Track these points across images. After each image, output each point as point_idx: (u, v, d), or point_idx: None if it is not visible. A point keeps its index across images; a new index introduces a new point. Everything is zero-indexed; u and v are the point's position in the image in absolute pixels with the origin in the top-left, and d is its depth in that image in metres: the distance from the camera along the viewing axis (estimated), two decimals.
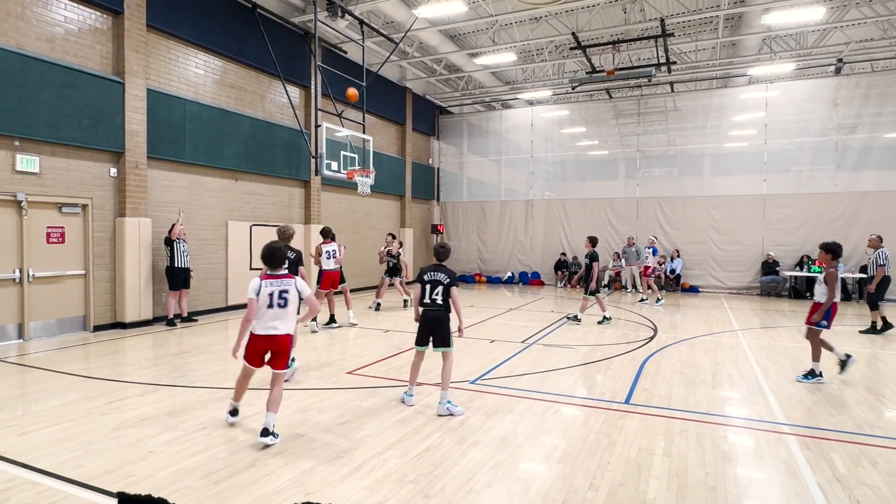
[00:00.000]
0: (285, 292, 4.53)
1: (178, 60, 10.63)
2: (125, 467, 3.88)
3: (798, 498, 3.50)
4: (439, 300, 5.26)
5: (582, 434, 4.63)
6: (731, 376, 6.66)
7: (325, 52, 14.11)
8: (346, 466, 3.92)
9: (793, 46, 15.44)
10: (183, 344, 8.41)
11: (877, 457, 4.16)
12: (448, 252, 5.62)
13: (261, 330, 4.44)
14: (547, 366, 7.13)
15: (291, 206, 13.70)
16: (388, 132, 18.03)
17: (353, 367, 6.93)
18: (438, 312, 5.28)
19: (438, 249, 5.56)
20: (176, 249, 9.84)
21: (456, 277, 5.41)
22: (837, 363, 6.50)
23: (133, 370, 6.81)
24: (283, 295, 4.51)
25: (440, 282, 5.25)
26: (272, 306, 4.46)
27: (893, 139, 15.37)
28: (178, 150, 10.49)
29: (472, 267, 20.49)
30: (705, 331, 9.92)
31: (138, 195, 9.69)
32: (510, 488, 3.61)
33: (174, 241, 9.81)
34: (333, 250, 9.68)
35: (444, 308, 5.29)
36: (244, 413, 5.05)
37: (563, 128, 19.88)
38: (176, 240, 9.83)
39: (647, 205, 17.78)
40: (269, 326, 4.44)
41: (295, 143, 13.40)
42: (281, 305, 4.49)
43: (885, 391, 6.05)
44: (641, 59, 16.87)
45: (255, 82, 12.43)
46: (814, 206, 15.68)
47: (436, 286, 5.26)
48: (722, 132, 17.67)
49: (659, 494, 3.53)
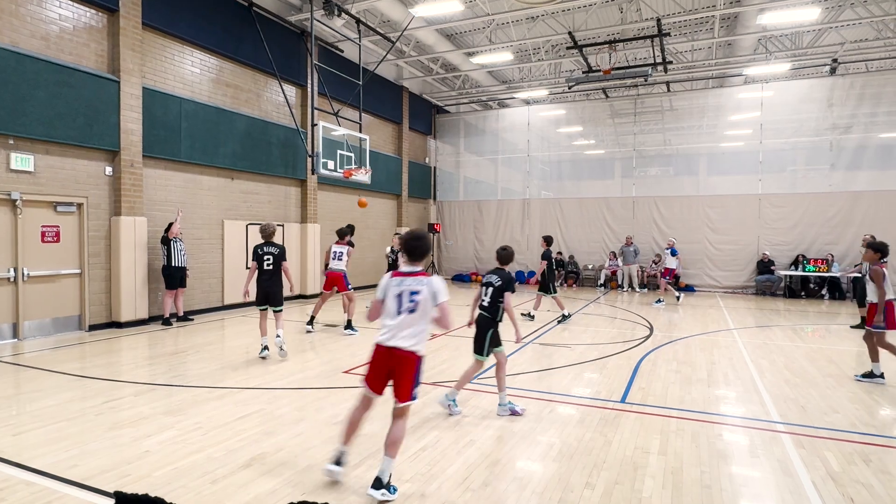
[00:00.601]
0: (416, 294, 3.60)
1: (174, 59, 10.59)
2: (121, 467, 3.87)
3: (792, 496, 3.52)
4: (486, 302, 5.14)
5: (578, 433, 4.64)
6: (727, 375, 6.70)
7: (322, 51, 14.09)
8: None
9: (788, 46, 15.51)
10: (179, 343, 8.39)
11: (870, 455, 4.19)
12: (510, 255, 5.47)
13: (382, 339, 3.63)
14: (543, 365, 7.15)
15: (288, 205, 13.68)
16: (385, 131, 18.01)
17: (349, 367, 6.93)
18: (481, 316, 5.17)
19: (500, 252, 5.46)
20: (173, 248, 9.83)
21: (511, 282, 5.16)
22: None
23: (129, 370, 6.79)
24: (413, 297, 3.60)
25: (492, 284, 5.14)
26: (400, 312, 3.60)
27: (887, 139, 15.46)
28: (173, 149, 10.46)
29: (468, 266, 20.51)
30: (701, 330, 9.96)
31: (134, 194, 9.66)
32: (506, 487, 3.62)
33: (171, 240, 9.80)
34: (341, 251, 9.62)
35: (490, 311, 5.11)
36: (243, 411, 5.05)
37: (560, 127, 19.91)
38: (173, 239, 9.82)
39: (643, 204, 17.83)
40: (392, 336, 3.59)
41: (291, 142, 13.37)
42: (410, 311, 3.59)
43: (877, 389, 6.08)
44: (638, 58, 16.91)
45: (251, 81, 12.40)
46: (808, 206, 15.76)
47: (488, 288, 5.16)
48: (718, 132, 17.74)
49: (654, 493, 3.55)
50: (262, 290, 7.29)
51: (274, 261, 7.20)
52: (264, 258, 7.19)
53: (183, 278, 10.11)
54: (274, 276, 7.26)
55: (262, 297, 7.32)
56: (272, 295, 7.29)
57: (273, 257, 7.19)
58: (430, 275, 3.72)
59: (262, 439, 4.42)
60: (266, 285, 7.26)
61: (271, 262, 7.20)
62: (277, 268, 7.24)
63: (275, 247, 7.29)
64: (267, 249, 7.22)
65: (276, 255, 7.22)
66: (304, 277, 14.07)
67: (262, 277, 7.25)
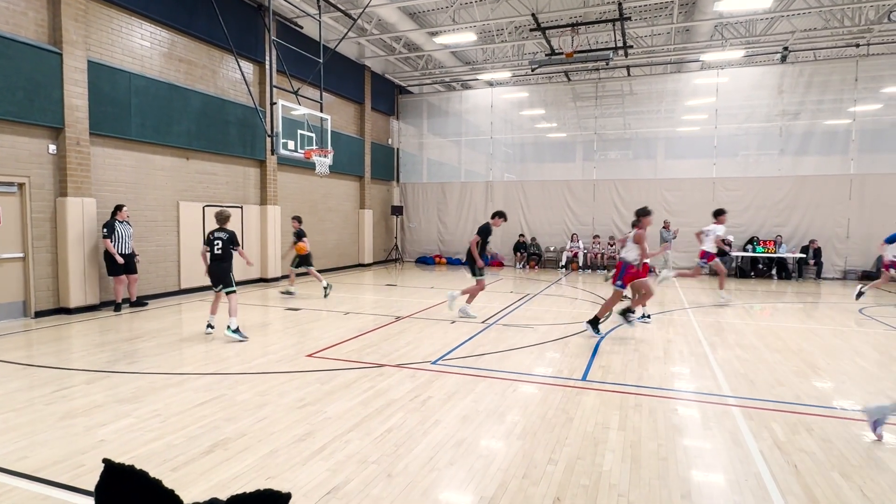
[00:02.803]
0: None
1: (122, 31, 10.04)
2: (74, 457, 3.74)
3: (742, 465, 3.71)
4: None
5: (541, 411, 4.75)
6: (682, 353, 6.96)
7: (281, 27, 13.63)
8: (307, 449, 3.90)
9: (742, 34, 15.94)
10: (133, 329, 8.11)
11: (812, 424, 4.45)
12: None
13: None
14: (507, 345, 7.26)
15: (246, 186, 13.30)
16: (347, 111, 17.67)
17: (312, 350, 6.86)
18: None
19: None
20: (117, 233, 9.35)
21: None
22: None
23: (80, 357, 6.53)
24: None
25: None
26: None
27: (832, 126, 16.18)
28: (123, 127, 9.98)
29: (432, 248, 20.50)
30: (657, 309, 10.28)
31: (81, 174, 9.19)
32: (472, 465, 3.68)
33: (118, 223, 9.39)
34: None
35: None
36: (203, 397, 4.94)
37: (523, 109, 19.97)
38: (121, 222, 9.42)
39: (603, 187, 18.17)
40: None
41: (249, 121, 12.95)
42: None
43: (820, 363, 6.45)
44: (599, 42, 17.07)
45: (206, 56, 11.90)
46: (759, 189, 16.39)
47: None
48: (675, 116, 18.18)
49: (614, 466, 3.67)
50: (213, 272, 7.74)
51: (223, 245, 7.65)
52: (214, 243, 7.66)
53: (129, 265, 9.56)
54: (223, 261, 7.66)
55: (214, 279, 7.77)
56: (222, 277, 7.68)
57: (222, 242, 7.65)
58: None
59: (223, 425, 4.34)
60: (215, 268, 7.71)
61: (220, 247, 7.65)
62: (226, 252, 7.66)
63: (225, 232, 7.72)
64: (217, 234, 7.69)
65: (225, 240, 7.67)
66: (264, 260, 13.78)
67: (213, 261, 7.74)
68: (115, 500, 0.77)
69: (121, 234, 9.37)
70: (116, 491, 0.78)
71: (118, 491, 0.78)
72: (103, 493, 0.79)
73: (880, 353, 6.97)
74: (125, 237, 9.46)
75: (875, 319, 9.43)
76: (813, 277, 15.70)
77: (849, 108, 15.77)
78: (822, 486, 3.41)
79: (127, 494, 0.78)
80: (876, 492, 3.34)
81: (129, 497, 0.78)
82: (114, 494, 0.78)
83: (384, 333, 7.91)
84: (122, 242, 9.39)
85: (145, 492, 0.79)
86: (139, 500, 0.78)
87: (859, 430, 4.33)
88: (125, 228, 9.48)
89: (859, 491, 3.35)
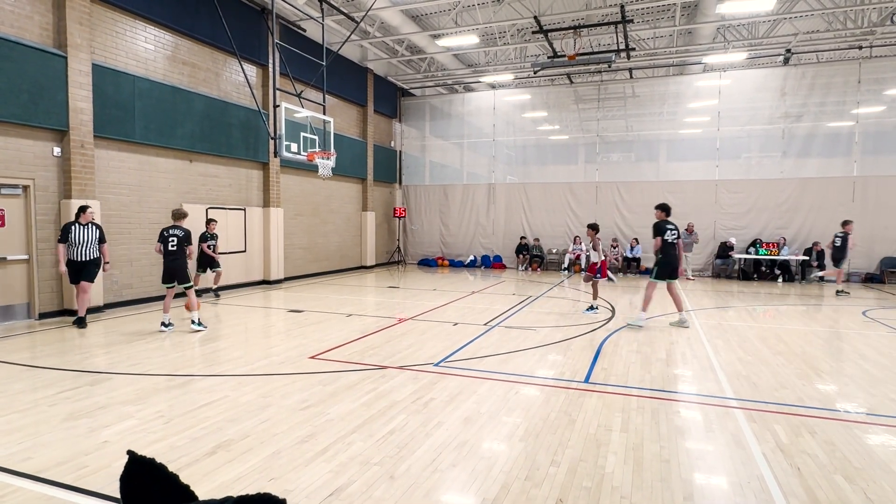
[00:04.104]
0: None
1: (126, 34, 10.10)
2: (78, 458, 3.75)
3: (745, 467, 3.70)
4: None
5: (543, 413, 4.75)
6: (685, 355, 6.95)
7: (284, 30, 13.69)
8: (310, 451, 3.91)
9: (745, 36, 15.94)
10: (137, 331, 8.14)
11: (815, 427, 4.44)
12: None
13: None
14: (509, 347, 7.26)
15: (249, 188, 13.34)
16: (349, 114, 17.71)
17: (315, 352, 6.87)
18: None
19: None
20: (76, 236, 8.10)
21: None
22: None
23: (83, 358, 6.55)
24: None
25: None
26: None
27: (834, 128, 16.14)
28: (127, 129, 10.02)
29: (434, 251, 20.52)
30: (660, 311, 10.27)
31: (85, 176, 9.23)
32: (474, 467, 3.68)
33: (75, 225, 8.13)
34: None
35: None
36: (207, 398, 4.95)
37: (525, 112, 19.99)
38: (85, 225, 8.19)
39: (605, 189, 18.16)
40: None
41: (252, 124, 13.00)
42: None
43: (823, 366, 6.43)
44: (602, 44, 17.09)
45: (209, 59, 11.95)
46: (762, 192, 16.38)
47: None
48: (677, 119, 18.18)
49: (617, 468, 3.67)
50: (168, 269, 8.00)
51: (178, 242, 7.94)
52: (169, 240, 7.94)
53: (82, 272, 8.19)
54: (178, 257, 7.97)
55: (168, 275, 8.03)
56: (176, 273, 7.98)
57: (177, 239, 7.95)
58: None
59: (226, 427, 4.35)
60: (170, 264, 7.98)
61: (175, 244, 7.95)
62: (181, 249, 7.96)
63: (180, 230, 8.01)
64: (173, 232, 7.97)
65: (181, 238, 7.96)
66: (266, 262, 13.80)
67: (168, 258, 7.98)
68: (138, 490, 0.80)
69: (81, 238, 8.11)
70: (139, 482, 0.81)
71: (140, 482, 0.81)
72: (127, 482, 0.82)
73: (883, 355, 6.95)
74: (86, 242, 8.17)
75: (879, 322, 9.40)
76: (817, 280, 15.65)
77: (852, 110, 15.75)
78: (825, 488, 3.41)
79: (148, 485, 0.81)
80: (879, 494, 3.34)
81: (150, 488, 0.81)
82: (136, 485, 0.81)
83: (387, 335, 7.92)
84: (82, 247, 8.13)
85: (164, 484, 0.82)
86: (158, 491, 0.81)
87: (862, 433, 4.32)
88: (88, 232, 8.21)
89: (863, 494, 3.34)
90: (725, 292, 13.46)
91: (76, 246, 8.15)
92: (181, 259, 8.01)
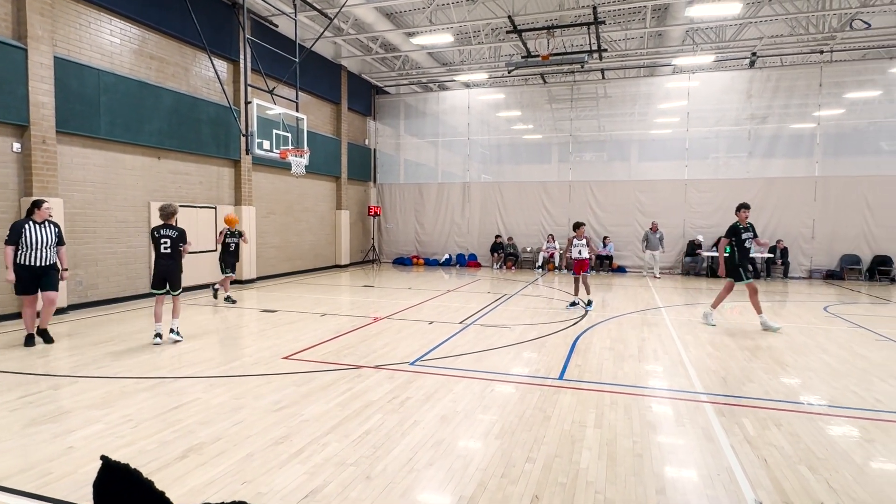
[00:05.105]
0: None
1: (90, 27, 9.79)
2: (41, 465, 3.62)
3: (714, 460, 3.80)
4: None
5: (518, 410, 4.78)
6: (656, 351, 7.09)
7: (255, 25, 13.45)
8: (284, 452, 3.86)
9: (713, 39, 16.34)
10: (102, 333, 7.90)
11: (780, 419, 4.58)
12: None
13: None
14: (484, 345, 7.29)
15: (220, 186, 13.08)
16: (323, 111, 17.52)
17: (289, 352, 6.79)
18: None
19: None
20: (30, 236, 6.75)
21: None
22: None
23: (46, 362, 6.33)
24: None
25: None
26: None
27: (797, 130, 16.68)
28: (92, 125, 9.72)
29: (409, 249, 20.47)
30: (632, 308, 10.46)
31: (47, 173, 8.91)
32: (451, 465, 3.68)
33: (29, 223, 6.83)
34: None
35: None
36: (177, 401, 4.84)
37: (499, 111, 20.10)
38: (40, 224, 6.88)
39: (578, 188, 18.40)
40: None
41: (223, 121, 12.74)
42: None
43: (788, 360, 6.64)
44: (575, 45, 17.29)
45: (178, 54, 11.67)
46: (729, 191, 16.78)
47: None
48: (648, 119, 18.53)
49: (591, 464, 3.72)
50: (160, 273, 7.23)
51: (171, 244, 7.14)
52: (162, 241, 7.15)
53: (46, 278, 6.95)
54: (171, 260, 7.20)
55: (159, 280, 7.23)
56: (169, 278, 7.22)
57: (171, 240, 7.14)
58: None
59: (197, 430, 4.26)
60: (163, 269, 7.20)
61: (169, 245, 7.15)
62: (176, 251, 7.18)
63: (173, 229, 7.19)
64: (164, 232, 7.16)
65: (174, 239, 7.15)
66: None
67: (160, 261, 7.21)
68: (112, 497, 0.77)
69: (34, 239, 6.77)
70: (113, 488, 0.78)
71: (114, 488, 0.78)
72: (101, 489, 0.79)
73: (844, 349, 7.21)
74: (42, 243, 6.83)
75: (839, 317, 9.75)
76: (780, 277, 16.16)
77: (813, 112, 16.28)
78: (790, 479, 3.52)
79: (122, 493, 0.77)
80: (841, 483, 3.46)
81: (124, 495, 0.77)
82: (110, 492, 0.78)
83: (362, 335, 7.87)
84: (39, 250, 6.82)
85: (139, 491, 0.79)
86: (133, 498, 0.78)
87: (825, 424, 4.47)
88: (44, 231, 6.87)
89: (825, 483, 3.46)
90: (694, 289, 13.78)
91: (31, 248, 6.75)
92: (176, 261, 7.18)
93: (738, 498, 3.28)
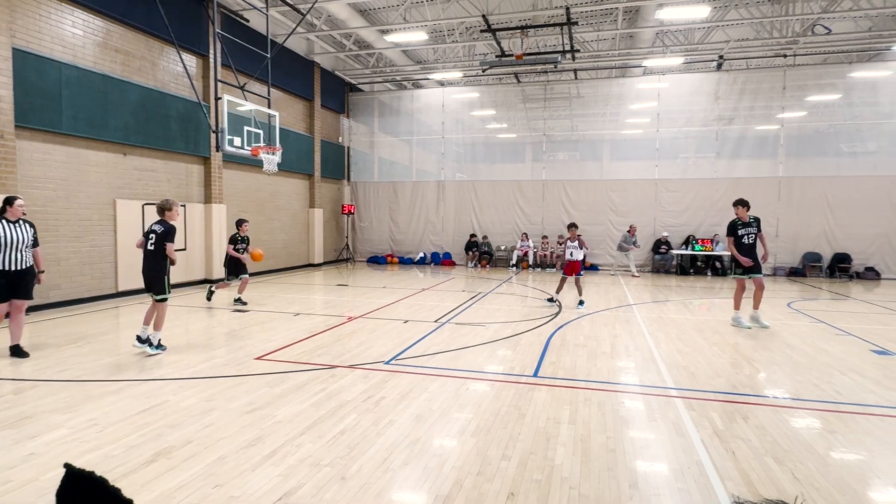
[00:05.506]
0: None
1: (51, 17, 9.44)
2: (0, 473, 3.48)
3: (685, 453, 3.88)
4: None
5: (494, 408, 4.80)
6: (628, 347, 7.21)
7: (226, 19, 13.18)
8: (257, 454, 3.79)
9: (682, 41, 16.68)
10: (66, 335, 7.64)
11: (748, 413, 4.71)
12: None
13: None
14: (459, 344, 7.30)
15: (189, 183, 12.78)
16: (296, 108, 17.28)
17: (261, 353, 6.67)
18: None
19: None
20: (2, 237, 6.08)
21: None
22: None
23: (5, 366, 6.08)
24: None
25: None
26: None
27: (762, 131, 17.18)
28: (53, 120, 9.38)
29: (383, 248, 20.36)
30: (604, 306, 10.61)
31: (5, 169, 8.56)
32: (427, 465, 3.68)
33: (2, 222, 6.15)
34: None
35: None
36: (145, 404, 4.71)
37: (474, 110, 20.15)
38: (16, 222, 6.25)
39: (552, 187, 18.57)
40: None
41: (192, 116, 12.45)
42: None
43: (755, 355, 6.83)
44: (548, 45, 17.42)
45: (144, 47, 11.34)
46: (698, 191, 17.21)
47: None
48: (620, 120, 18.83)
49: (566, 460, 3.76)
50: (143, 273, 6.70)
51: (156, 240, 6.54)
52: (149, 236, 6.60)
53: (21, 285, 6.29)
54: (152, 259, 6.59)
55: (144, 280, 6.73)
56: (147, 279, 6.65)
57: (155, 236, 6.54)
58: None
59: (166, 433, 4.15)
60: (144, 268, 6.67)
61: (153, 242, 6.56)
62: (160, 248, 6.53)
63: (161, 225, 6.60)
64: (153, 227, 6.62)
65: (159, 234, 6.54)
66: (209, 261, 13.28)
67: (144, 260, 6.67)
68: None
69: (9, 239, 6.11)
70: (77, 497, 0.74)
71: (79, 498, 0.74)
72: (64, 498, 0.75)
73: (807, 344, 7.45)
74: (17, 244, 6.18)
75: (802, 313, 10.08)
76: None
77: (777, 114, 16.78)
78: (757, 470, 3.62)
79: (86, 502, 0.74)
80: (805, 474, 3.57)
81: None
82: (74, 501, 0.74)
83: (336, 334, 7.79)
84: (13, 251, 6.15)
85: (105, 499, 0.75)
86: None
87: (789, 416, 4.61)
88: (20, 231, 6.24)
89: (790, 474, 3.57)
90: (664, 286, 14.06)
91: (5, 250, 6.08)
92: (158, 261, 6.54)
93: (707, 490, 3.35)
